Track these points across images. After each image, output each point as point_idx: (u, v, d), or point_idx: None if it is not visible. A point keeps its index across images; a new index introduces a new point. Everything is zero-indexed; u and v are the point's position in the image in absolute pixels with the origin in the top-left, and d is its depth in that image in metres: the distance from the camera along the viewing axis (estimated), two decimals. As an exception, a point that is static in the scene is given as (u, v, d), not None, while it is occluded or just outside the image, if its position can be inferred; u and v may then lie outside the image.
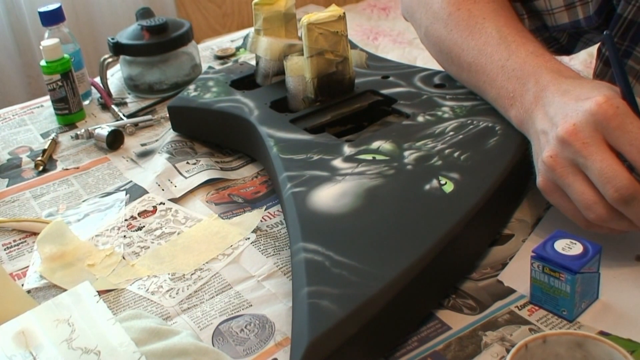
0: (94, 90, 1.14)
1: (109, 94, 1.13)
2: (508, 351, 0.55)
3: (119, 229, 0.79)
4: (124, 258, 0.75)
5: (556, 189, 0.63)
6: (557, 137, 0.61)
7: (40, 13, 1.09)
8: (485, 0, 0.78)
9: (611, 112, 0.59)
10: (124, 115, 1.06)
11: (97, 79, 1.14)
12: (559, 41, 0.88)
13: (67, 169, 0.95)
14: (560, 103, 0.64)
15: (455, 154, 0.72)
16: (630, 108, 0.60)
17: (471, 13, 0.77)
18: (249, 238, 0.75)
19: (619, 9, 0.79)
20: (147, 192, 0.85)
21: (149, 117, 1.05)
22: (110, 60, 1.10)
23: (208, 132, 0.93)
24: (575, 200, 0.61)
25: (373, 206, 0.66)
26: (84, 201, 0.87)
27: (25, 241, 0.80)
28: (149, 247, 0.76)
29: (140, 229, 0.79)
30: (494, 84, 0.73)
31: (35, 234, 0.80)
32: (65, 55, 1.04)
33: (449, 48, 0.79)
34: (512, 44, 0.73)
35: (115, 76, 1.19)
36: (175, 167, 0.88)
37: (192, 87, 0.96)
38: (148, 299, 0.69)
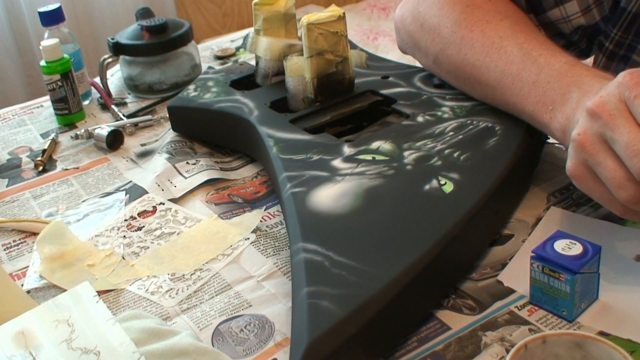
0: (93, 90, 1.14)
1: (109, 94, 1.13)
2: (508, 351, 0.55)
3: (118, 229, 0.79)
4: (123, 258, 0.75)
5: (587, 172, 0.60)
6: (586, 111, 0.59)
7: (40, 13, 1.09)
8: (498, 19, 0.76)
9: (633, 82, 0.57)
10: (123, 115, 1.06)
11: (97, 79, 1.14)
12: (579, 45, 0.87)
13: (67, 169, 0.95)
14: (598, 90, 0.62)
15: (455, 154, 0.72)
16: None
17: (485, 34, 0.75)
18: (248, 238, 0.75)
19: (623, 3, 0.78)
20: (147, 192, 0.85)
21: (148, 117, 1.05)
22: (110, 60, 1.10)
23: (208, 132, 0.93)
24: (606, 178, 0.58)
25: (373, 206, 0.66)
26: (83, 201, 0.87)
27: (25, 241, 0.80)
28: (148, 247, 0.76)
29: (140, 229, 0.79)
30: (527, 101, 0.70)
31: (35, 234, 0.80)
32: (65, 56, 1.04)
33: (467, 73, 0.77)
34: (540, 58, 0.71)
35: (115, 76, 1.19)
36: (175, 167, 0.88)
37: (192, 87, 0.96)
38: (148, 299, 0.69)
